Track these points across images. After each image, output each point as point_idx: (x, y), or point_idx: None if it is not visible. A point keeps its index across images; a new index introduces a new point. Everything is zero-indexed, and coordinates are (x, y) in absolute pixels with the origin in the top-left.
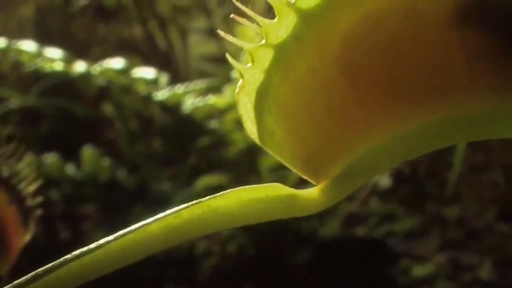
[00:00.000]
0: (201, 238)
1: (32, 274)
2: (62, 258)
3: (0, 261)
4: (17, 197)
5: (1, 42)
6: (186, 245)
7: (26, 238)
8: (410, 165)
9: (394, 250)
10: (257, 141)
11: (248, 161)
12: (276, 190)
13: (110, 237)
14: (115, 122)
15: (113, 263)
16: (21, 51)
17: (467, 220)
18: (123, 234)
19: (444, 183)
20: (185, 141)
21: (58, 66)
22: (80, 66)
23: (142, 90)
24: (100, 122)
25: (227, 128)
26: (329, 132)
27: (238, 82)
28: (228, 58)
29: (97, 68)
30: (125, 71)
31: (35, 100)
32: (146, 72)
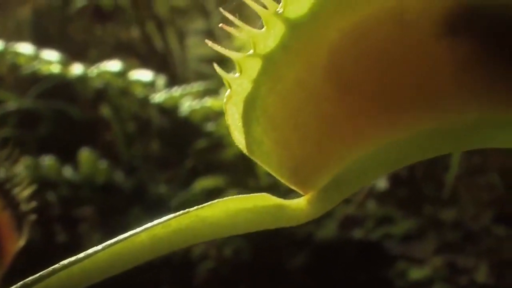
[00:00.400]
0: None
1: (20, 283)
2: (51, 268)
3: None
4: (11, 202)
5: None
6: (182, 248)
7: (20, 243)
8: (407, 167)
9: (391, 253)
10: (245, 151)
11: (245, 163)
12: (264, 200)
13: (99, 246)
14: (112, 124)
15: (101, 273)
16: (18, 54)
17: (464, 222)
18: (112, 244)
19: (441, 186)
20: (182, 143)
21: (55, 69)
22: (77, 68)
23: (139, 92)
24: (97, 124)
25: (224, 130)
26: (317, 142)
27: (226, 92)
28: (215, 68)
29: (94, 70)
30: (122, 74)
31: (33, 102)
32: (143, 74)
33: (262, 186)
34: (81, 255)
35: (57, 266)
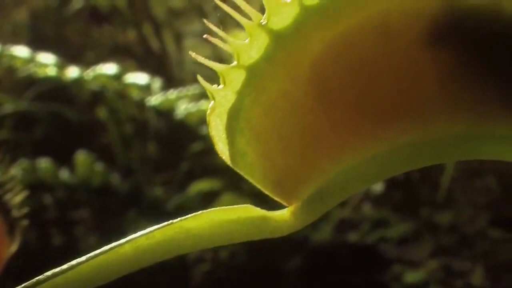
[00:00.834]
0: None
1: None
2: (35, 279)
3: None
4: (3, 207)
5: None
6: None
7: (13, 249)
8: None
9: (387, 256)
10: (228, 162)
11: None
12: (247, 212)
13: (83, 258)
14: (109, 127)
15: (85, 284)
16: (14, 57)
17: (460, 225)
18: (95, 255)
19: (436, 189)
20: (178, 146)
21: (51, 72)
22: (73, 71)
23: (135, 95)
24: (93, 127)
25: None
26: (300, 153)
27: (209, 104)
28: (200, 80)
29: (90, 73)
30: (118, 77)
31: (29, 105)
32: (139, 77)
33: (257, 190)
34: (64, 267)
35: (41, 277)
